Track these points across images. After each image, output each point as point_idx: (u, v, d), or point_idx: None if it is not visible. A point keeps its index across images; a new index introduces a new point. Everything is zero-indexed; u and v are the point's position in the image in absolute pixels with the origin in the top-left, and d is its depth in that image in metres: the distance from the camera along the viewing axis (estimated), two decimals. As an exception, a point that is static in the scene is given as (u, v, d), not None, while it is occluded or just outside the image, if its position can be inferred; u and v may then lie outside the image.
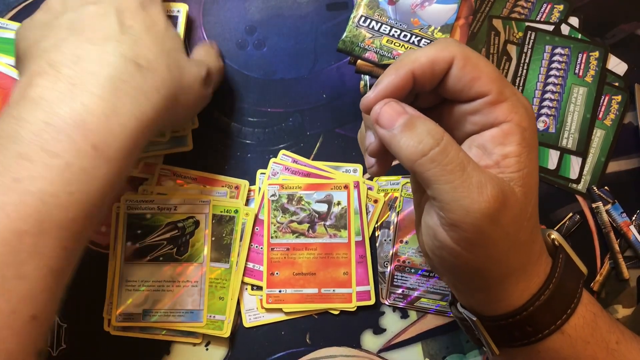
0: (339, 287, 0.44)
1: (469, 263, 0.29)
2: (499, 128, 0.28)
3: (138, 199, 0.44)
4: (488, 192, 0.26)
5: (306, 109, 0.47)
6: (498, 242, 0.28)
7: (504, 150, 0.28)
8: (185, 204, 0.44)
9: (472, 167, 0.27)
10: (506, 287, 0.30)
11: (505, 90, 0.29)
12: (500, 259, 0.29)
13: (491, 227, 0.27)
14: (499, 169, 0.28)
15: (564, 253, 0.32)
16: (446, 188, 0.27)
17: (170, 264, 0.43)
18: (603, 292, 0.45)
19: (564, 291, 0.30)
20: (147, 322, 0.42)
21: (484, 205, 0.26)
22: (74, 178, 0.30)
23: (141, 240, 0.43)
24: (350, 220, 0.44)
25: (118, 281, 0.43)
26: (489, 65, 0.29)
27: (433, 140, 0.27)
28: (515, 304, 0.30)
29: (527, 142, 0.28)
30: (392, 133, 0.28)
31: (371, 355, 0.44)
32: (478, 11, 0.49)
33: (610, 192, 0.46)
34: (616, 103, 0.47)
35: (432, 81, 0.30)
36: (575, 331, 0.30)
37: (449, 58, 0.29)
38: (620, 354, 0.31)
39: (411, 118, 0.28)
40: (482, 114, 0.29)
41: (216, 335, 0.43)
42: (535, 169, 0.29)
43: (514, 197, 0.28)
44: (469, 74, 0.29)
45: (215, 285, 0.43)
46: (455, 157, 0.27)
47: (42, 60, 0.32)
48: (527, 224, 0.29)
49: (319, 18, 0.48)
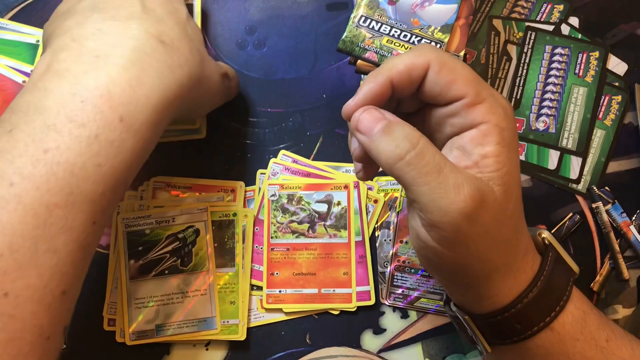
0: (339, 287, 0.44)
1: (452, 261, 0.30)
2: (478, 129, 0.29)
3: (135, 216, 0.43)
4: (465, 192, 0.27)
5: (306, 109, 0.47)
6: (478, 240, 0.28)
7: (483, 150, 0.29)
8: (183, 214, 0.44)
9: (449, 169, 0.28)
10: (493, 284, 0.30)
11: (483, 92, 0.29)
12: (483, 256, 0.29)
13: (470, 226, 0.28)
14: (478, 169, 0.29)
15: (554, 251, 0.32)
16: (424, 190, 0.27)
17: (176, 276, 0.43)
18: (603, 292, 0.45)
19: (552, 289, 0.31)
20: (161, 337, 0.42)
21: (461, 205, 0.27)
22: (102, 150, 0.29)
23: (144, 256, 0.43)
24: (350, 220, 0.44)
25: (126, 300, 0.42)
26: (465, 68, 0.30)
27: (409, 144, 0.28)
28: (503, 301, 0.31)
29: (505, 141, 0.29)
30: (371, 138, 0.29)
31: (371, 355, 0.44)
32: (478, 11, 0.49)
33: (610, 192, 0.46)
34: (616, 103, 0.47)
35: (411, 87, 0.30)
36: (565, 328, 0.31)
37: (424, 64, 0.29)
38: (609, 351, 0.31)
39: (389, 123, 0.29)
40: (460, 116, 0.29)
41: (233, 339, 0.43)
42: (516, 167, 0.30)
43: (493, 196, 0.28)
44: (445, 77, 0.29)
45: (225, 291, 0.43)
46: (432, 159, 0.27)
47: (66, 36, 0.32)
48: (509, 221, 0.29)
49: (319, 18, 0.48)
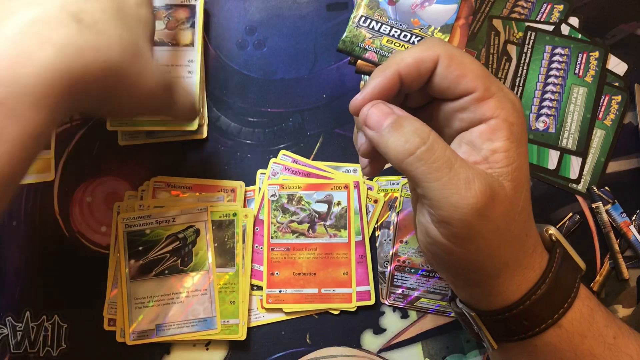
0: (339, 287, 0.44)
1: (462, 258, 0.29)
2: (487, 124, 0.29)
3: (135, 216, 0.43)
4: (476, 188, 0.27)
5: (306, 109, 0.47)
6: (488, 236, 0.28)
7: (492, 145, 0.28)
8: (183, 214, 0.44)
9: (460, 164, 0.27)
10: (501, 281, 0.30)
11: (492, 87, 0.29)
12: (492, 253, 0.29)
13: (480, 222, 0.27)
14: (487, 165, 0.28)
15: (561, 248, 0.32)
16: (434, 186, 0.27)
17: (176, 275, 0.43)
18: (603, 292, 0.45)
19: (561, 285, 0.30)
20: (161, 336, 0.42)
21: (472, 200, 0.27)
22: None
23: (144, 256, 0.43)
24: (350, 220, 0.44)
25: (126, 300, 0.42)
26: (474, 62, 0.29)
27: (419, 139, 0.27)
28: (511, 298, 0.30)
29: (515, 137, 0.29)
30: (380, 134, 0.28)
31: (371, 355, 0.44)
32: (478, 11, 0.49)
33: (610, 192, 0.46)
34: (616, 103, 0.47)
35: (419, 81, 0.30)
36: (573, 325, 0.30)
37: (433, 57, 0.29)
38: (617, 348, 0.31)
39: (398, 118, 0.28)
40: (469, 111, 0.29)
41: (233, 339, 0.43)
42: (525, 163, 0.30)
43: (503, 191, 0.28)
44: (454, 72, 0.29)
45: (225, 290, 0.43)
46: (442, 154, 0.27)
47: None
48: (519, 217, 0.29)
49: (319, 18, 0.48)
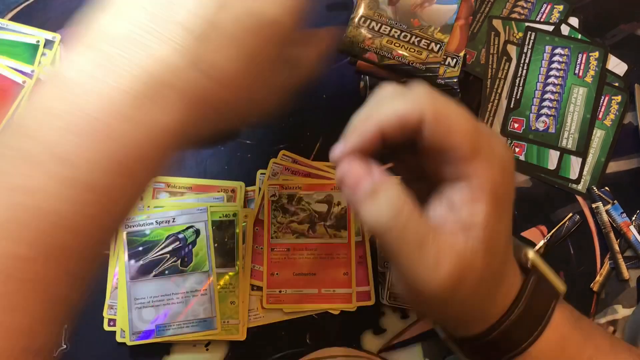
0: (339, 288, 0.44)
1: (436, 313, 0.31)
2: (469, 186, 0.28)
3: (135, 216, 0.43)
4: (445, 269, 0.26)
5: (306, 109, 0.47)
6: (461, 302, 0.28)
7: (472, 210, 0.27)
8: (183, 215, 0.44)
9: (431, 241, 0.27)
10: (471, 318, 0.31)
11: (479, 143, 0.27)
12: (465, 309, 0.29)
13: (451, 295, 0.27)
14: (463, 233, 0.27)
15: (535, 277, 0.31)
16: (403, 262, 0.27)
17: (176, 276, 0.43)
18: (603, 292, 0.45)
19: (529, 316, 0.30)
20: (161, 337, 0.42)
21: (441, 282, 0.27)
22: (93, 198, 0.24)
23: (144, 256, 0.43)
24: (350, 220, 0.44)
25: (126, 300, 0.42)
26: (462, 116, 0.28)
27: (393, 213, 0.26)
28: (481, 328, 0.30)
29: (498, 200, 0.28)
30: (355, 197, 0.27)
31: (371, 355, 0.44)
32: (478, 11, 0.49)
33: (610, 192, 0.46)
34: (616, 103, 0.47)
35: (402, 137, 0.28)
36: (543, 353, 0.30)
37: (417, 116, 0.27)
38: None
39: (374, 186, 0.27)
40: (454, 166, 0.28)
41: (233, 339, 0.43)
42: (507, 224, 0.29)
43: (477, 262, 0.27)
44: (440, 130, 0.27)
45: (225, 291, 0.43)
46: (415, 232, 0.27)
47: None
48: (492, 278, 0.29)
49: (319, 18, 0.48)
